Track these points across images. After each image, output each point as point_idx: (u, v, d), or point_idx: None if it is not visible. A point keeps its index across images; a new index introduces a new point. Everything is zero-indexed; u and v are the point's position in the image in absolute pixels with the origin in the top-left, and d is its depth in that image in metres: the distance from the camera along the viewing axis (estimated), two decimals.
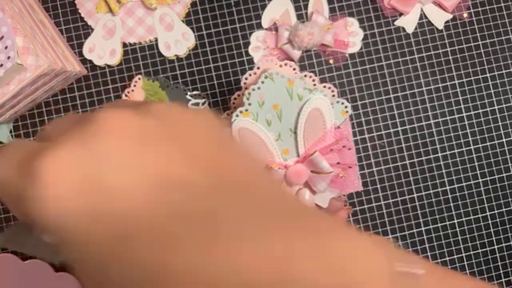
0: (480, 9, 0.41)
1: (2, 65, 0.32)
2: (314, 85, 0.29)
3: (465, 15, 0.41)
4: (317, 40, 0.39)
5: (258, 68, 0.30)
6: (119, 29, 0.40)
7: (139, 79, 0.40)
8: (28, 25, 0.34)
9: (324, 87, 0.30)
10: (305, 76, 0.30)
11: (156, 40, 0.40)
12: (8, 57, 0.32)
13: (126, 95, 0.40)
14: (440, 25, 0.41)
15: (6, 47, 0.32)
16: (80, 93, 0.40)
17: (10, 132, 0.40)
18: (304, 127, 0.29)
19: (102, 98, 0.40)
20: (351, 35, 0.41)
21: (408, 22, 0.41)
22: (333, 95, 0.30)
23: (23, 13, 0.35)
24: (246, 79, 0.31)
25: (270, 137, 0.28)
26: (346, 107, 0.30)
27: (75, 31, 0.40)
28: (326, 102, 0.28)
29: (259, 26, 0.41)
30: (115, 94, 0.40)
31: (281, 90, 0.28)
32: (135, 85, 0.40)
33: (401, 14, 0.41)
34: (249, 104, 0.28)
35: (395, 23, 0.41)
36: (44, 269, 0.37)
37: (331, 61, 0.41)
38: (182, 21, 0.40)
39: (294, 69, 0.31)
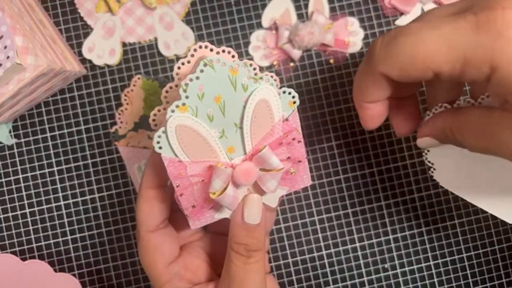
0: None
1: (1, 64, 0.31)
2: (256, 74, 0.25)
3: None
4: (317, 40, 0.39)
5: (193, 55, 0.26)
6: (119, 28, 0.40)
7: (139, 78, 0.40)
8: (27, 25, 0.34)
9: (266, 75, 0.26)
10: (249, 65, 0.26)
11: (156, 39, 0.40)
12: (7, 57, 0.31)
13: (125, 95, 0.40)
14: None
15: (5, 47, 0.32)
16: (80, 93, 0.40)
17: (10, 132, 0.39)
18: (251, 121, 0.25)
19: (102, 98, 0.40)
20: (351, 34, 0.40)
21: (409, 22, 0.41)
22: (277, 85, 0.26)
23: (23, 13, 0.35)
24: (179, 68, 0.27)
25: (213, 134, 0.25)
26: (293, 97, 0.26)
27: (75, 30, 0.40)
28: (273, 92, 0.25)
29: (259, 25, 0.40)
30: (115, 93, 0.40)
31: (223, 80, 0.24)
32: (134, 85, 0.40)
33: (401, 14, 0.41)
34: (187, 97, 0.23)
35: (396, 22, 0.41)
36: (43, 269, 0.37)
37: (331, 61, 0.41)
38: (182, 20, 0.40)
39: (233, 56, 0.27)
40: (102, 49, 0.40)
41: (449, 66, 0.23)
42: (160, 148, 0.24)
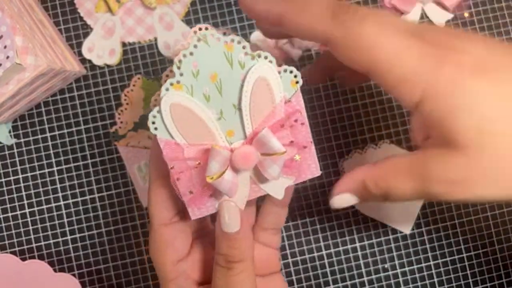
0: (481, 8, 0.41)
1: (1, 64, 0.31)
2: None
3: (466, 14, 0.41)
4: None
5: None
6: (119, 28, 0.40)
7: (139, 78, 0.40)
8: (27, 25, 0.34)
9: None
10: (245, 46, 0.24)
11: (156, 39, 0.40)
12: (7, 57, 0.31)
13: (125, 95, 0.40)
14: (441, 24, 0.41)
15: (5, 47, 0.32)
16: (79, 93, 0.40)
17: (9, 132, 0.39)
18: (250, 102, 0.24)
19: (102, 98, 0.40)
20: None
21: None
22: (280, 64, 0.24)
23: (23, 13, 0.35)
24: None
25: (210, 115, 0.23)
26: (296, 76, 0.24)
27: (74, 30, 0.40)
28: (272, 69, 0.23)
29: None
30: (115, 94, 0.40)
31: (218, 56, 0.22)
32: (134, 85, 0.40)
33: (401, 14, 0.41)
34: (181, 75, 0.22)
35: None
36: (43, 269, 0.37)
37: None
38: (182, 20, 0.40)
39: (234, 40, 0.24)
40: (102, 49, 0.40)
41: (386, 76, 0.23)
42: (156, 129, 0.23)
